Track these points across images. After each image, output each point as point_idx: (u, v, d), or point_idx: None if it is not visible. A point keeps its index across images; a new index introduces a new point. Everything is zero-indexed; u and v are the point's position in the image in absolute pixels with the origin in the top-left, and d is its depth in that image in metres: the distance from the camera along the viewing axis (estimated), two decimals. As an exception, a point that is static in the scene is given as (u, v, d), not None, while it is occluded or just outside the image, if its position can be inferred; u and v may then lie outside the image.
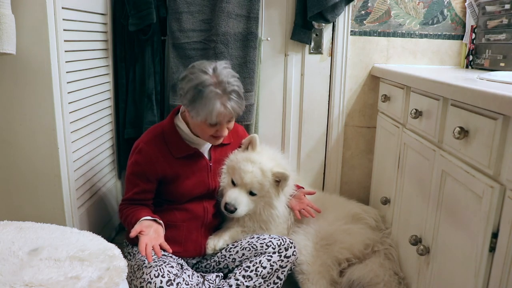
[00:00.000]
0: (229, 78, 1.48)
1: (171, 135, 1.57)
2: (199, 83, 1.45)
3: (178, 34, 2.00)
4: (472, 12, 2.07)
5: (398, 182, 1.75)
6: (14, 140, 1.46)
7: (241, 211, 1.63)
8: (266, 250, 1.58)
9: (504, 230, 1.02)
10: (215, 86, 1.45)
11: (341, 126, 2.22)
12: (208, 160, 1.65)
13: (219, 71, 1.48)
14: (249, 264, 1.57)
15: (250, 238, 1.65)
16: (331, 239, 1.73)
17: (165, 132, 1.58)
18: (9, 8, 1.26)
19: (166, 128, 1.59)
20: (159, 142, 1.56)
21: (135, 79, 1.99)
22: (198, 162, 1.62)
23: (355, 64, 2.17)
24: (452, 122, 1.27)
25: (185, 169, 1.58)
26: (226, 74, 1.48)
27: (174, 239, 1.58)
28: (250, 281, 1.54)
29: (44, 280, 1.00)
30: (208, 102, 1.43)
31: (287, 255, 1.59)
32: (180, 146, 1.57)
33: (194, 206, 1.62)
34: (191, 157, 1.60)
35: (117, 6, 1.94)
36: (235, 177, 1.65)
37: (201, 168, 1.62)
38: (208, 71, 1.47)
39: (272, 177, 1.65)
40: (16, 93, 1.42)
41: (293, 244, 1.62)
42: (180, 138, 1.58)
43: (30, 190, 1.50)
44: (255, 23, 1.98)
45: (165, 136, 1.57)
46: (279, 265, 1.57)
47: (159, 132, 1.58)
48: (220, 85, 1.45)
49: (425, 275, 1.43)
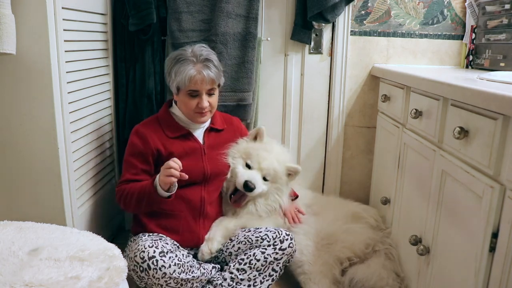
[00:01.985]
0: (204, 51, 1.64)
1: (165, 118, 1.69)
2: (177, 55, 1.63)
3: (177, 34, 2.00)
4: (472, 12, 2.07)
5: (398, 182, 1.75)
6: (14, 140, 1.45)
7: (257, 190, 1.70)
8: (261, 243, 1.60)
9: (504, 230, 1.02)
10: (191, 56, 1.61)
11: (341, 126, 2.22)
12: (202, 144, 1.69)
13: (196, 48, 1.64)
14: (243, 257, 1.59)
15: (246, 232, 1.66)
16: (332, 238, 1.74)
17: (159, 117, 1.70)
18: (9, 8, 1.25)
19: (160, 114, 1.71)
20: (153, 124, 1.67)
21: (135, 79, 1.99)
22: (191, 143, 1.67)
23: (355, 64, 2.17)
24: (452, 122, 1.27)
25: (179, 148, 1.63)
26: (203, 50, 1.65)
27: (172, 228, 1.61)
28: (244, 274, 1.56)
29: (44, 280, 1.00)
30: (183, 68, 1.59)
31: (282, 248, 1.60)
32: (173, 126, 1.67)
33: (191, 195, 1.64)
34: (184, 138, 1.67)
35: (117, 6, 1.94)
36: (252, 161, 1.73)
37: (194, 150, 1.67)
38: (187, 48, 1.65)
39: (286, 170, 1.77)
40: (16, 93, 1.42)
41: (289, 236, 1.63)
42: (174, 120, 1.69)
43: (30, 190, 1.50)
44: (254, 23, 1.98)
45: (159, 119, 1.69)
46: (274, 257, 1.58)
47: (153, 118, 1.71)
48: (194, 55, 1.61)
49: (425, 275, 1.43)
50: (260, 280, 1.57)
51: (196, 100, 1.61)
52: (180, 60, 1.61)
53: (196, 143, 1.68)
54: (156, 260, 1.42)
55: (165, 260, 1.43)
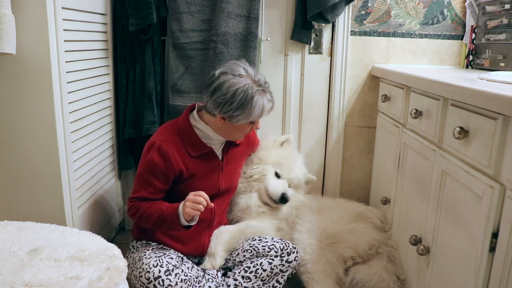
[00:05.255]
0: (259, 75, 1.55)
1: (187, 133, 1.56)
2: (243, 86, 1.47)
3: (178, 34, 2.00)
4: (472, 12, 2.07)
5: (398, 182, 1.75)
6: (14, 140, 1.45)
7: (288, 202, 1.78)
8: (269, 253, 1.58)
9: (504, 230, 1.02)
10: (256, 86, 1.50)
11: (341, 126, 2.22)
12: (220, 161, 1.64)
13: (250, 71, 1.52)
14: (249, 265, 1.57)
15: (252, 241, 1.64)
16: (337, 237, 1.73)
17: (181, 129, 1.56)
18: (9, 8, 1.25)
19: (182, 126, 1.57)
20: (175, 139, 1.54)
21: (135, 79, 1.99)
22: (211, 161, 1.61)
23: (355, 64, 2.17)
24: (452, 122, 1.27)
25: (199, 169, 1.57)
26: (255, 71, 1.55)
27: (178, 238, 1.59)
28: (249, 282, 1.54)
29: (44, 280, 1.00)
30: (259, 102, 1.49)
31: (289, 260, 1.58)
32: (196, 145, 1.56)
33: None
34: (206, 156, 1.59)
35: (117, 6, 1.94)
36: (282, 170, 1.79)
37: (213, 168, 1.61)
38: (242, 73, 1.50)
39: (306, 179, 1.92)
40: (16, 93, 1.42)
41: (295, 249, 1.61)
42: (197, 136, 1.57)
43: (30, 190, 1.50)
44: (255, 23, 1.98)
45: (181, 134, 1.55)
46: (280, 269, 1.57)
47: (175, 130, 1.56)
48: (257, 83, 1.51)
49: (425, 275, 1.43)
50: None
51: (251, 125, 1.57)
52: (250, 95, 1.47)
53: (216, 160, 1.62)
54: (162, 280, 1.39)
55: (171, 279, 1.40)
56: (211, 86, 1.49)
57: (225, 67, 1.53)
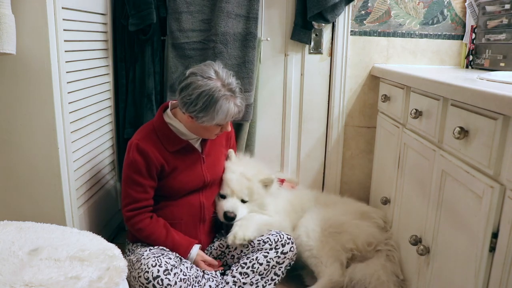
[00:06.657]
0: (230, 78, 1.54)
1: (162, 130, 1.59)
2: (209, 89, 1.47)
3: (177, 34, 2.00)
4: (472, 12, 2.07)
5: (398, 182, 1.75)
6: (14, 140, 1.46)
7: (239, 217, 1.67)
8: (263, 246, 1.59)
9: (504, 230, 1.02)
10: (225, 90, 1.49)
11: (341, 126, 2.22)
12: (200, 153, 1.66)
13: (221, 74, 1.52)
14: (246, 261, 1.59)
15: None
16: (341, 228, 1.75)
17: (156, 128, 1.59)
18: (9, 8, 1.25)
19: (157, 125, 1.60)
20: (151, 137, 1.57)
21: (135, 79, 1.99)
22: (191, 155, 1.63)
23: (355, 64, 2.17)
24: (452, 122, 1.27)
25: (180, 162, 1.60)
26: (227, 75, 1.53)
27: None
28: (247, 278, 1.56)
29: (44, 280, 1.00)
30: (223, 106, 1.48)
31: (284, 251, 1.60)
32: (172, 140, 1.59)
33: (190, 201, 1.63)
34: (184, 150, 1.62)
35: (117, 6, 1.94)
36: (223, 189, 1.70)
37: (194, 161, 1.64)
38: (212, 75, 1.50)
39: (260, 183, 1.72)
40: (16, 93, 1.42)
41: (290, 240, 1.63)
42: (172, 132, 1.60)
43: (30, 190, 1.50)
44: (254, 23, 1.98)
45: (157, 132, 1.59)
46: (276, 261, 1.58)
47: (151, 129, 1.60)
48: (227, 88, 1.50)
49: (425, 275, 1.43)
50: (262, 284, 1.58)
51: (221, 127, 1.58)
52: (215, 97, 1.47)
53: (196, 153, 1.64)
54: (161, 279, 1.40)
55: (170, 278, 1.41)
56: (180, 84, 1.53)
57: (197, 67, 1.54)
